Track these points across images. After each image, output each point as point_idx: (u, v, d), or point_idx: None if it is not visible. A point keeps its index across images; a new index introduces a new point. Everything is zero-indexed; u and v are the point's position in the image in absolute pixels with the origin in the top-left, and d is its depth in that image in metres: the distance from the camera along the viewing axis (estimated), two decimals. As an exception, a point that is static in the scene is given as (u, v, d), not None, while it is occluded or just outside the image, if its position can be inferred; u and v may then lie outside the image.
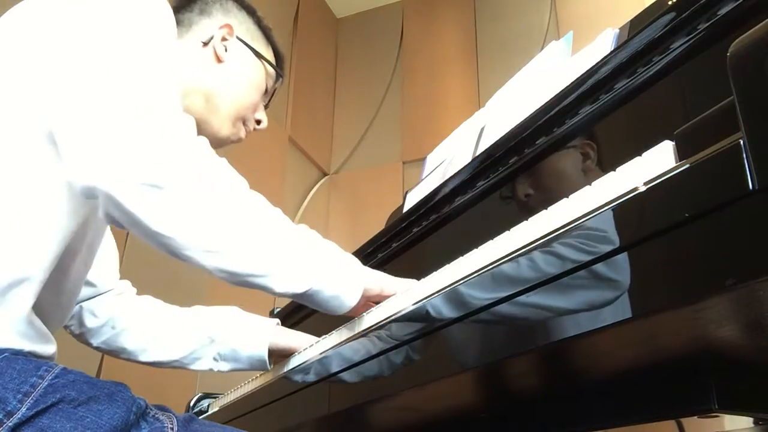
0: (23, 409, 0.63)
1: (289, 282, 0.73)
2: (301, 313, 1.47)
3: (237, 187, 0.71)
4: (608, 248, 0.43)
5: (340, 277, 0.77)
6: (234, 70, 0.97)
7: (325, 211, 3.74)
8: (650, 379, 0.61)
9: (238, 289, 0.75)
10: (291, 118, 3.56)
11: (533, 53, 1.22)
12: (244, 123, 1.01)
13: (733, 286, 0.35)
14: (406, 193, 1.43)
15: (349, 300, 0.78)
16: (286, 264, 0.72)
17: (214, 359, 1.07)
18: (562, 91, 0.85)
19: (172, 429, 0.70)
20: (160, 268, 1.96)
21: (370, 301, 0.81)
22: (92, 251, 0.86)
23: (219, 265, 0.68)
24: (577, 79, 0.83)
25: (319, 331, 0.97)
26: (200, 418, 0.78)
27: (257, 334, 1.08)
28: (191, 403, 1.40)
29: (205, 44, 0.96)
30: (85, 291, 1.01)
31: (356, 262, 0.81)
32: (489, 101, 1.27)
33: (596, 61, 0.80)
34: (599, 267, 0.44)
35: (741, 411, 0.58)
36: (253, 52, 1.00)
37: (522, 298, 0.50)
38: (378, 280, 0.81)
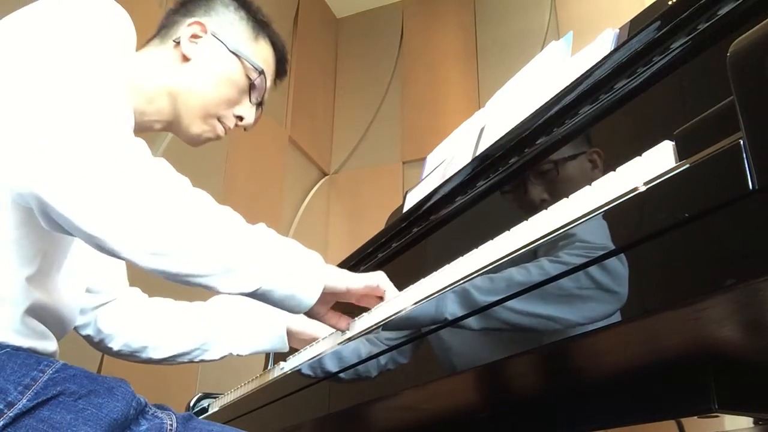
0: (24, 401, 0.63)
1: (235, 282, 0.69)
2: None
3: (176, 184, 0.67)
4: (608, 248, 0.43)
5: (294, 275, 0.72)
6: (201, 68, 0.95)
7: (325, 211, 3.74)
8: (650, 379, 0.61)
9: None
10: (291, 118, 3.56)
11: (533, 53, 1.22)
12: (220, 120, 0.98)
13: (733, 286, 0.35)
14: (406, 193, 1.43)
15: (307, 299, 0.73)
16: (231, 262, 0.68)
17: (234, 342, 1.11)
18: (561, 91, 0.85)
19: (171, 426, 0.70)
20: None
21: (341, 300, 0.79)
22: (71, 253, 0.81)
23: (158, 266, 0.64)
24: (576, 79, 0.83)
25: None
26: (200, 418, 0.78)
27: (274, 316, 1.12)
28: (191, 403, 1.40)
29: (177, 44, 0.95)
30: (91, 299, 1.00)
31: (317, 259, 0.76)
32: (489, 101, 1.27)
33: (596, 61, 0.80)
34: (599, 267, 0.44)
35: (741, 411, 0.58)
36: (228, 47, 0.96)
37: (522, 299, 0.50)
38: (343, 279, 0.77)
